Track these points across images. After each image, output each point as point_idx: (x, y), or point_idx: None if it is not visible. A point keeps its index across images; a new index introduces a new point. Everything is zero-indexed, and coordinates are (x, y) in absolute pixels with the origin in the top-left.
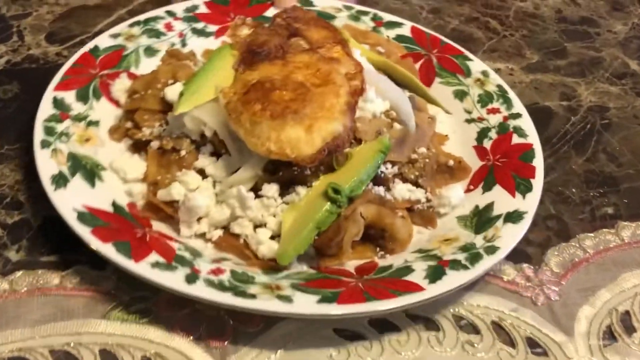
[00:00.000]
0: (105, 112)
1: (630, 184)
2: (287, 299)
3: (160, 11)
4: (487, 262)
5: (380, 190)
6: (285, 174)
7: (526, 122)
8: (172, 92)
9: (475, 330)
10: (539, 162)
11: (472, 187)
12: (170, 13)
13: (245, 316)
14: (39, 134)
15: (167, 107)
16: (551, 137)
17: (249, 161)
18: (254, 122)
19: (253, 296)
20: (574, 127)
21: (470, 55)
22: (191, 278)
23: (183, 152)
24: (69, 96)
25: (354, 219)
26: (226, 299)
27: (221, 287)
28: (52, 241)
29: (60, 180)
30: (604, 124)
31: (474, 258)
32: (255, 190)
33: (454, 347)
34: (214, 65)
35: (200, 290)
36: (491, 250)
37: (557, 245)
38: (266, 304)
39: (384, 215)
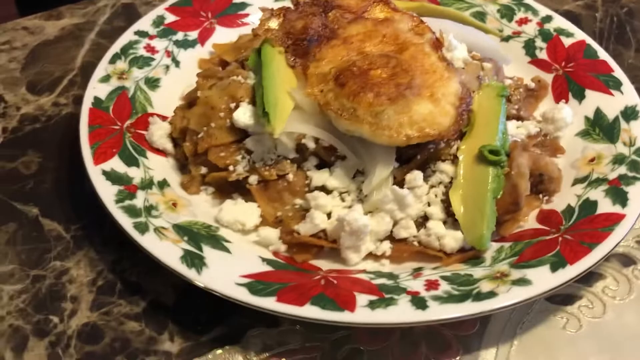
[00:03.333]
0: (161, 168)
1: None
2: (526, 282)
3: (129, 35)
4: None
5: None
6: (422, 155)
7: (562, 22)
8: (242, 115)
9: None
10: (604, 54)
11: (564, 100)
12: (141, 33)
13: (457, 323)
14: (125, 221)
15: (241, 134)
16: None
17: (374, 157)
18: (376, 113)
19: (493, 294)
20: (604, 24)
21: None
22: (418, 303)
23: (290, 177)
24: (117, 164)
25: (521, 172)
26: (473, 308)
27: (454, 299)
28: (204, 312)
29: (194, 259)
30: (626, 12)
31: (636, 166)
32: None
33: None
34: (271, 70)
35: (440, 311)
36: None
37: None
38: (514, 295)
39: (537, 159)
